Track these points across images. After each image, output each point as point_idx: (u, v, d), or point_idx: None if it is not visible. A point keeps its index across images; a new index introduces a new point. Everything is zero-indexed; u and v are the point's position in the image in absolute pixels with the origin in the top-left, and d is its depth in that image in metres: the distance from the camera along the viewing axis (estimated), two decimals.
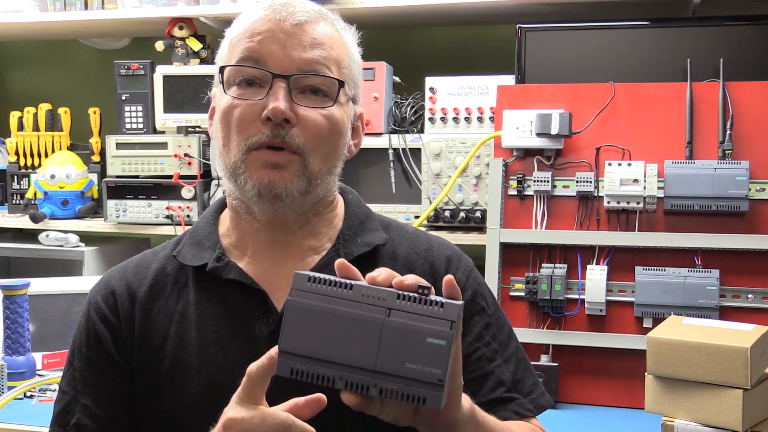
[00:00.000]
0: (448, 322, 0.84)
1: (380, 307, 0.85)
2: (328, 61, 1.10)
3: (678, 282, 1.87)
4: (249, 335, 1.10)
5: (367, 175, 2.32)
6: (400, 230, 1.23)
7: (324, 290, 0.86)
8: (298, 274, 0.87)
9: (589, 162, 1.99)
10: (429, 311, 0.84)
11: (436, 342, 0.83)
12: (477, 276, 1.23)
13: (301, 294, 0.86)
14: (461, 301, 0.86)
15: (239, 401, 0.90)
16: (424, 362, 0.83)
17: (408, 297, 0.85)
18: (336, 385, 0.85)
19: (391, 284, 0.86)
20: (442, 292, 0.88)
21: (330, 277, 0.87)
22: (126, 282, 1.17)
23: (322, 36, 1.11)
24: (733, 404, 1.47)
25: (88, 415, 1.14)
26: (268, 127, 1.07)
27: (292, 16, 1.09)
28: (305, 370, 0.85)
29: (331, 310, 0.85)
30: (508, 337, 1.22)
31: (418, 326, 0.84)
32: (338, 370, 0.85)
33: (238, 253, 1.16)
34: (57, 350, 2.16)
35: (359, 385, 0.84)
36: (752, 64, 2.09)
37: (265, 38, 1.09)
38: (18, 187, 2.75)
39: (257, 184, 1.07)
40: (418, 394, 0.84)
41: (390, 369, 0.84)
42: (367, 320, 0.85)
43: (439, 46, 2.83)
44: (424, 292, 0.85)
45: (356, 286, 0.86)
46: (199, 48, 2.58)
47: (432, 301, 0.85)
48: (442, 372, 0.83)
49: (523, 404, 1.17)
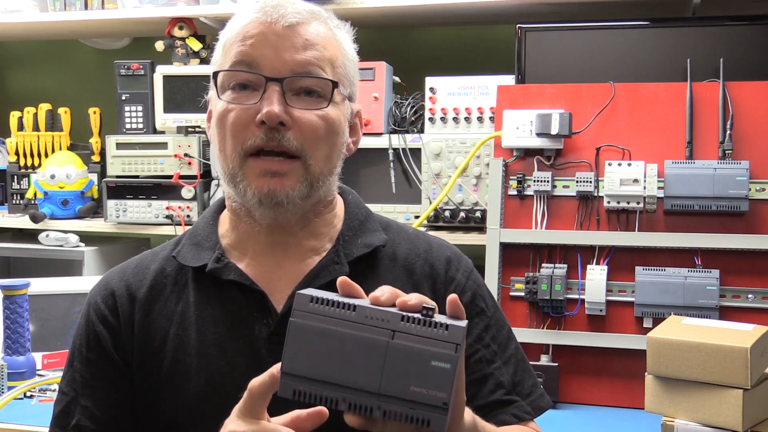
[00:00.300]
0: (453, 345, 0.83)
1: (384, 329, 0.84)
2: (321, 61, 1.10)
3: (678, 282, 1.87)
4: (248, 336, 1.10)
5: (367, 175, 2.32)
6: (400, 231, 1.23)
7: (326, 311, 0.85)
8: (300, 294, 0.86)
9: (589, 162, 1.99)
10: (433, 334, 0.83)
11: (440, 365, 0.82)
12: (477, 277, 1.23)
13: (304, 315, 0.85)
14: (465, 322, 0.85)
15: (240, 415, 0.89)
16: (429, 385, 0.82)
17: (412, 319, 0.84)
18: (339, 407, 0.84)
19: (394, 303, 0.86)
20: (446, 311, 0.87)
21: (333, 297, 0.86)
22: (126, 283, 1.17)
23: (314, 36, 1.11)
24: (733, 404, 1.47)
25: (88, 416, 1.14)
26: (263, 131, 1.07)
27: (284, 17, 1.09)
28: (308, 392, 0.85)
29: (334, 332, 0.84)
30: (507, 338, 1.22)
31: (422, 349, 0.83)
32: (341, 392, 0.84)
33: (238, 253, 1.16)
34: (57, 350, 2.16)
35: (363, 407, 0.84)
36: (752, 64, 2.09)
37: (257, 41, 1.08)
38: (18, 187, 2.75)
39: (257, 193, 1.07)
40: (422, 417, 0.83)
41: (394, 392, 0.83)
42: (371, 342, 0.84)
43: (439, 46, 2.83)
44: (428, 313, 0.84)
45: (359, 308, 0.85)
46: (199, 48, 2.58)
47: (436, 323, 0.84)
48: (446, 396, 0.82)
49: (521, 407, 1.17)
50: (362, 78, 2.41)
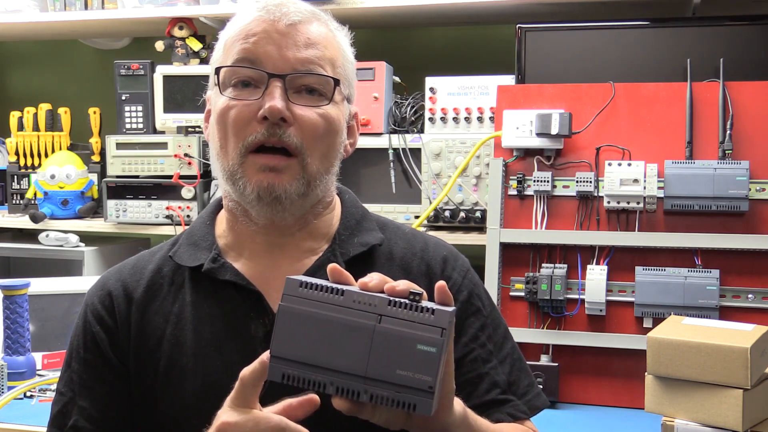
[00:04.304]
0: (439, 329, 0.84)
1: (371, 314, 0.85)
2: (322, 60, 1.11)
3: (678, 282, 1.87)
4: (245, 336, 1.10)
5: (367, 175, 2.32)
6: (397, 230, 1.23)
7: (315, 296, 0.86)
8: (289, 279, 0.88)
9: (589, 162, 1.99)
10: (420, 318, 0.84)
11: (426, 349, 0.84)
12: (473, 276, 1.23)
13: (293, 299, 0.87)
14: (453, 308, 0.86)
15: (232, 405, 0.90)
16: (415, 369, 0.84)
17: (399, 303, 0.85)
18: (327, 391, 0.85)
19: (383, 290, 0.87)
20: (434, 298, 0.88)
21: (322, 283, 0.87)
22: (122, 283, 1.17)
23: (316, 36, 1.11)
24: (733, 404, 1.47)
25: (85, 416, 1.14)
26: (265, 127, 1.07)
27: (286, 16, 1.10)
28: (296, 375, 0.86)
29: (322, 315, 0.86)
30: (503, 337, 1.22)
31: (408, 333, 0.84)
32: (329, 375, 0.85)
33: (235, 254, 1.16)
34: (57, 350, 2.16)
35: (350, 391, 0.85)
36: (752, 64, 2.08)
37: (260, 39, 1.09)
38: (18, 187, 2.75)
39: (256, 187, 1.08)
40: (408, 401, 0.84)
41: (380, 375, 0.84)
42: (358, 326, 0.85)
43: (439, 46, 2.83)
44: (415, 298, 0.85)
45: (347, 292, 0.86)
46: (199, 48, 2.58)
47: (423, 307, 0.85)
48: (432, 379, 0.83)
49: (517, 406, 1.17)
50: (362, 78, 2.42)
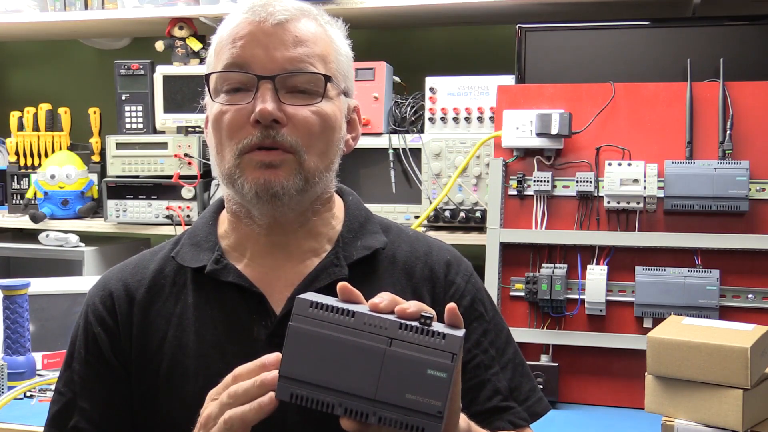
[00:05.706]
0: (450, 354, 0.84)
1: (382, 337, 0.85)
2: (312, 57, 1.09)
3: (678, 282, 1.87)
4: (247, 338, 1.10)
5: (366, 175, 2.32)
6: (400, 233, 1.23)
7: (326, 317, 0.86)
8: (299, 299, 0.87)
9: (589, 162, 1.99)
10: (430, 342, 0.84)
11: (436, 374, 0.83)
12: (476, 281, 1.23)
13: (303, 319, 0.86)
14: (463, 331, 0.86)
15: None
16: (424, 393, 0.83)
17: (410, 327, 0.85)
18: (336, 412, 0.85)
19: (393, 310, 0.86)
20: (444, 320, 0.87)
21: (332, 303, 0.86)
22: (124, 283, 1.17)
23: (304, 33, 1.10)
24: (733, 404, 1.47)
25: (86, 418, 1.13)
26: (258, 130, 1.07)
27: (272, 16, 1.09)
28: (305, 396, 0.85)
29: (332, 337, 0.85)
30: (505, 342, 1.22)
31: (418, 357, 0.84)
32: (338, 397, 0.85)
33: (237, 255, 1.16)
34: (57, 350, 2.16)
35: (359, 413, 0.84)
36: (752, 64, 2.08)
37: (247, 42, 1.09)
38: (18, 187, 2.75)
39: (254, 185, 1.07)
40: (417, 424, 0.83)
41: (390, 398, 0.84)
42: (369, 349, 0.84)
43: (439, 46, 2.83)
44: (426, 321, 0.85)
45: (358, 314, 0.86)
46: (199, 48, 2.58)
47: (434, 332, 0.84)
48: (441, 404, 0.83)
49: (518, 413, 1.17)
50: (362, 78, 2.42)
